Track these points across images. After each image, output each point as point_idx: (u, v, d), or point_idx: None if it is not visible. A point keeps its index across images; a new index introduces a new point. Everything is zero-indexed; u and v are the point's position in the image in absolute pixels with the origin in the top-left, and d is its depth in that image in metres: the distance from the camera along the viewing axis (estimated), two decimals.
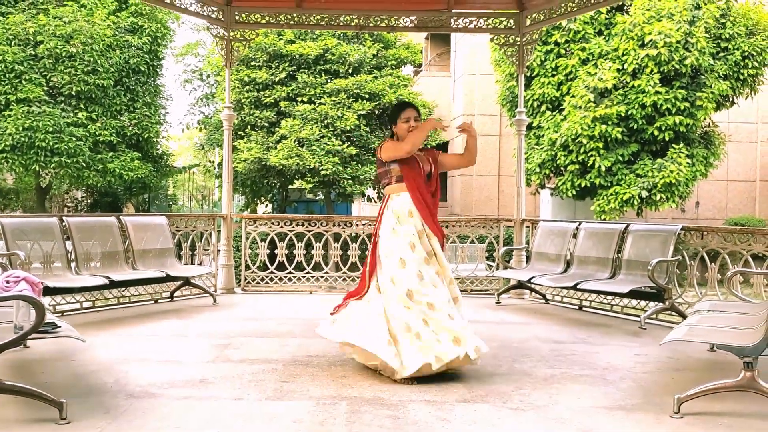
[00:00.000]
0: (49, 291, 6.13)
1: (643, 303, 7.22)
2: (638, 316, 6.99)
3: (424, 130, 4.99)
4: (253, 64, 17.93)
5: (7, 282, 3.86)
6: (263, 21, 8.88)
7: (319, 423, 3.72)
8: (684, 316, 6.37)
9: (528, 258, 8.57)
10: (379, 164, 5.07)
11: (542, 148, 15.72)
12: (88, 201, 22.37)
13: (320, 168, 16.23)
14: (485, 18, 8.78)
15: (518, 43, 8.75)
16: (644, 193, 14.46)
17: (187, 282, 7.92)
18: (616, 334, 6.33)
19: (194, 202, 34.83)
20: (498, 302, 8.17)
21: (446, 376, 4.63)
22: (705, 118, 15.16)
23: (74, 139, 16.19)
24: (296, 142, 16.58)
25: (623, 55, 14.68)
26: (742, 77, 15.25)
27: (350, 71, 17.97)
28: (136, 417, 3.75)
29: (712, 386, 3.94)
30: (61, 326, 3.97)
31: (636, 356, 5.40)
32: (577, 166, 15.06)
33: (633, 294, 6.88)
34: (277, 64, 17.81)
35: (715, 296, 6.65)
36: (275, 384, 4.46)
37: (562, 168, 15.57)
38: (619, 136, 14.51)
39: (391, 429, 3.63)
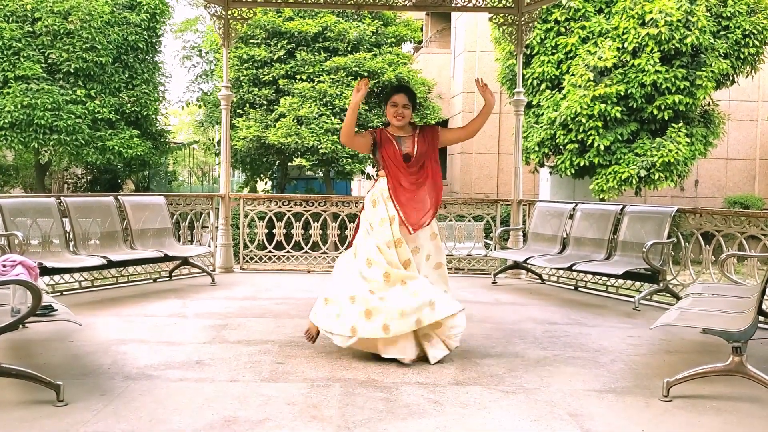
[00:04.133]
0: (47, 271, 6.18)
1: (638, 283, 7.28)
2: (633, 296, 7.04)
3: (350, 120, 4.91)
4: (251, 41, 17.85)
5: (4, 266, 3.90)
6: None
7: (312, 405, 3.77)
8: (678, 298, 6.42)
9: (525, 238, 8.61)
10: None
11: (541, 127, 15.69)
12: (88, 178, 22.40)
13: (319, 146, 16.23)
14: None
15: (517, 23, 8.70)
16: (643, 172, 14.47)
17: (185, 261, 7.96)
18: (610, 316, 6.38)
19: (194, 179, 34.86)
20: (494, 282, 8.21)
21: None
22: (705, 97, 15.12)
23: (73, 116, 16.18)
24: (295, 120, 16.57)
25: (623, 33, 14.62)
26: (742, 56, 15.20)
27: (349, 49, 17.89)
28: (133, 399, 3.80)
29: (701, 370, 3.99)
30: (58, 309, 4.02)
31: (629, 338, 5.45)
32: (576, 145, 15.05)
33: (628, 275, 6.92)
34: (275, 41, 17.74)
35: (709, 277, 6.70)
36: (271, 366, 4.52)
37: (561, 147, 15.55)
38: (619, 115, 14.49)
39: (383, 412, 3.69)
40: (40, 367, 4.15)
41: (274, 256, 9.05)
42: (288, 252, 9.05)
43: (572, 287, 7.92)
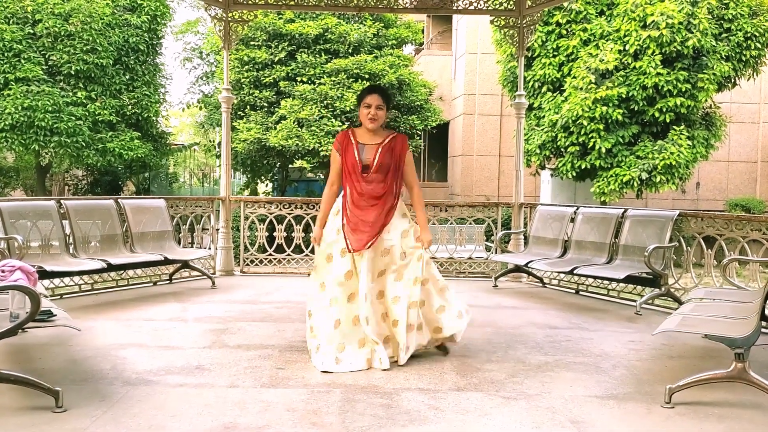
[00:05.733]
0: (47, 274, 6.16)
1: (639, 287, 7.26)
2: (635, 300, 7.01)
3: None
4: (252, 43, 17.84)
5: (2, 271, 3.88)
6: (261, 1, 8.83)
7: (312, 412, 3.75)
8: (680, 302, 6.40)
9: (526, 241, 8.59)
10: None
11: (543, 129, 15.68)
12: (89, 180, 22.39)
13: (320, 148, 16.20)
14: None
15: (518, 25, 8.68)
16: (644, 175, 14.45)
17: (185, 264, 7.94)
18: (611, 320, 6.35)
19: (195, 180, 34.84)
20: (495, 286, 8.19)
21: (440, 362, 4.69)
22: (706, 100, 15.11)
23: (73, 118, 16.18)
24: (296, 123, 16.55)
25: (625, 36, 14.60)
26: (744, 58, 15.18)
27: (350, 51, 17.88)
28: (132, 405, 3.78)
29: (703, 377, 3.96)
30: (57, 314, 4.00)
31: (630, 343, 5.42)
32: (578, 148, 15.03)
33: (629, 279, 6.91)
34: (276, 43, 17.73)
35: (711, 281, 6.68)
36: (270, 371, 4.49)
37: (562, 149, 15.54)
38: (620, 117, 14.47)
39: (383, 418, 3.66)
40: (39, 373, 4.13)
41: (275, 259, 9.02)
42: (288, 255, 9.03)
43: (573, 291, 7.90)
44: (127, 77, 17.94)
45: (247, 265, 8.98)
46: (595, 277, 7.40)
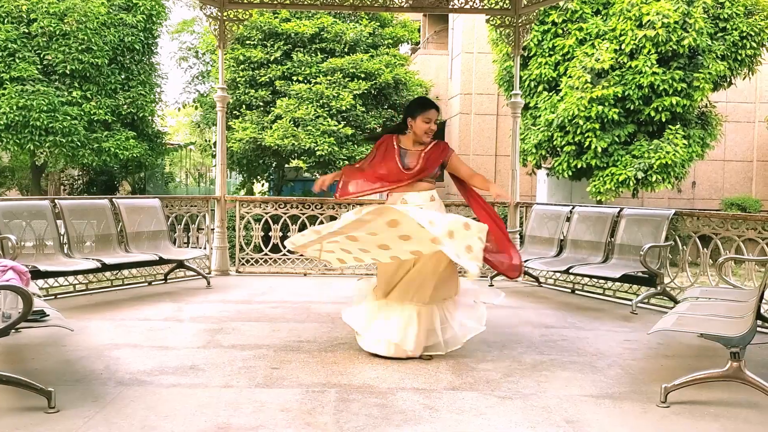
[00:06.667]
0: (41, 274, 6.12)
1: (635, 286, 7.25)
2: (630, 299, 7.01)
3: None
4: (248, 42, 17.80)
5: None
6: (257, 0, 8.80)
7: (307, 412, 3.73)
8: (676, 301, 6.40)
9: (522, 240, 8.58)
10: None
11: (539, 129, 15.67)
12: (84, 179, 22.33)
13: (316, 148, 16.17)
14: None
15: (514, 24, 8.67)
16: (640, 174, 14.45)
17: (180, 264, 7.91)
18: (607, 319, 6.34)
19: (191, 180, 34.78)
20: (491, 285, 8.17)
21: (435, 361, 4.69)
22: (702, 99, 15.11)
23: (69, 118, 16.13)
24: (291, 122, 16.51)
25: (621, 35, 14.59)
26: (740, 57, 15.17)
27: (346, 50, 17.85)
28: (125, 405, 3.76)
29: (698, 376, 3.96)
30: (49, 314, 3.97)
31: (626, 342, 5.41)
32: (574, 147, 15.02)
33: (625, 278, 6.91)
34: (272, 42, 17.69)
35: (707, 280, 6.68)
36: (265, 371, 4.47)
37: (558, 149, 15.52)
38: (616, 117, 14.46)
39: (378, 418, 3.65)
40: (32, 373, 4.11)
41: (270, 258, 9.00)
42: (284, 255, 9.00)
43: (569, 290, 7.89)
44: (123, 77, 17.90)
45: (243, 264, 8.96)
46: (590, 276, 7.39)
